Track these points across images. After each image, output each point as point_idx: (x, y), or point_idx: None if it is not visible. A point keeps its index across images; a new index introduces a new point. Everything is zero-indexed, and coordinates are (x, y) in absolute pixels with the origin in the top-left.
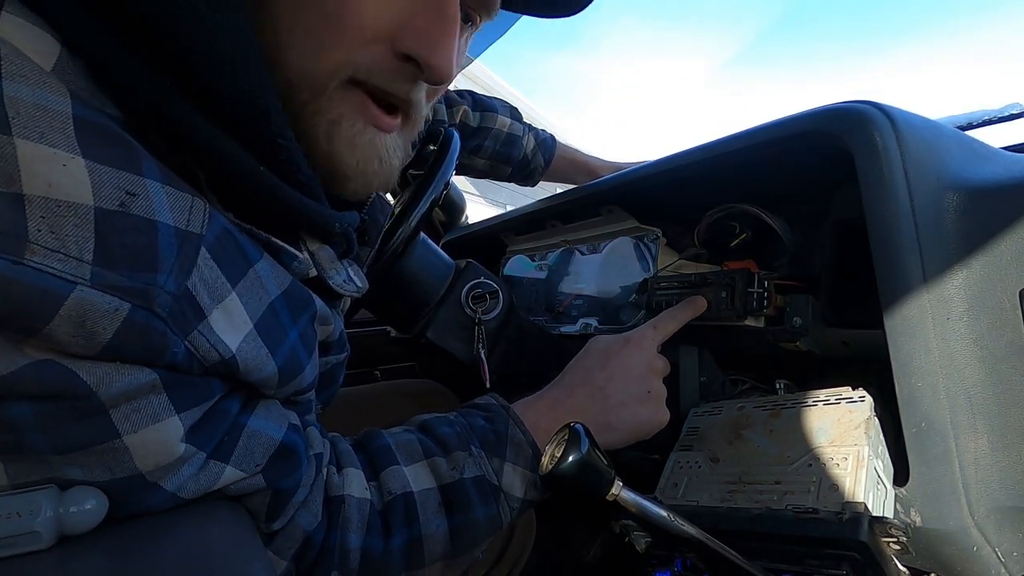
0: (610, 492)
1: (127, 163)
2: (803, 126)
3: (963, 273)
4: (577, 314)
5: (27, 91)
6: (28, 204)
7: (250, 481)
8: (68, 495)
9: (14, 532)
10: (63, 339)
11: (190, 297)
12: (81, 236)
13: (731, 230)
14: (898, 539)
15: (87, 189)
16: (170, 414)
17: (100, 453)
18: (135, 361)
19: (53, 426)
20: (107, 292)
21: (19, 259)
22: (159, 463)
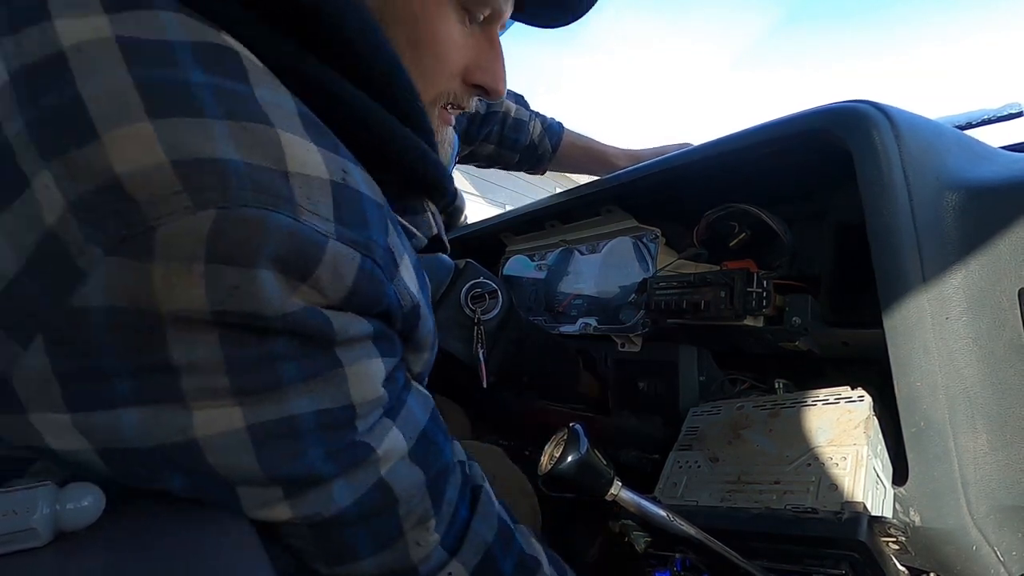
0: (609, 492)
1: (336, 149)
2: (802, 126)
3: (962, 273)
4: (576, 314)
5: (268, 93)
6: (291, 178)
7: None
8: (65, 492)
9: (11, 529)
10: (324, 284)
11: (390, 252)
12: (326, 203)
13: (730, 230)
14: (897, 538)
15: (323, 167)
16: (376, 357)
17: (327, 380)
18: (362, 309)
19: (303, 356)
20: (347, 244)
21: (296, 218)
22: (365, 397)
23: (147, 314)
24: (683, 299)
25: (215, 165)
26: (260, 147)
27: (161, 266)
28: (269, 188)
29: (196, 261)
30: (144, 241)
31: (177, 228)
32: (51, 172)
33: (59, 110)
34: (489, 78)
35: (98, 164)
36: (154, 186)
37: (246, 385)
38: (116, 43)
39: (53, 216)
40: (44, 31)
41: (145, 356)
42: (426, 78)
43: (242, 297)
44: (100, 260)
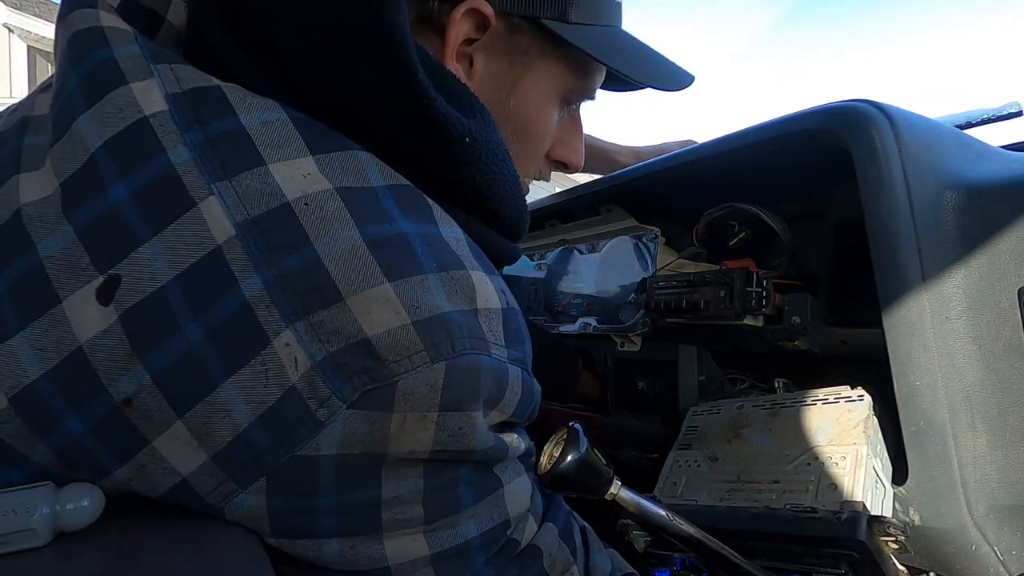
0: (609, 491)
1: (492, 268)
2: (802, 125)
3: (962, 272)
4: (576, 313)
5: (448, 230)
6: (480, 316)
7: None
8: (64, 492)
9: (11, 529)
10: (507, 406)
11: (529, 357)
12: (499, 330)
13: (730, 229)
14: (897, 538)
15: (495, 296)
16: (523, 472)
17: (491, 502)
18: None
19: (477, 481)
20: (514, 364)
21: (490, 354)
22: (519, 511)
23: (374, 457)
24: (683, 299)
25: (442, 321)
26: (461, 292)
27: (400, 415)
28: (475, 333)
29: (431, 409)
30: (386, 393)
31: (417, 381)
32: (295, 332)
33: (300, 272)
34: (572, 154)
35: (347, 326)
36: (401, 347)
37: (434, 511)
38: (339, 196)
39: (297, 374)
40: (263, 179)
41: (356, 495)
42: (523, 162)
43: (461, 436)
44: (340, 412)
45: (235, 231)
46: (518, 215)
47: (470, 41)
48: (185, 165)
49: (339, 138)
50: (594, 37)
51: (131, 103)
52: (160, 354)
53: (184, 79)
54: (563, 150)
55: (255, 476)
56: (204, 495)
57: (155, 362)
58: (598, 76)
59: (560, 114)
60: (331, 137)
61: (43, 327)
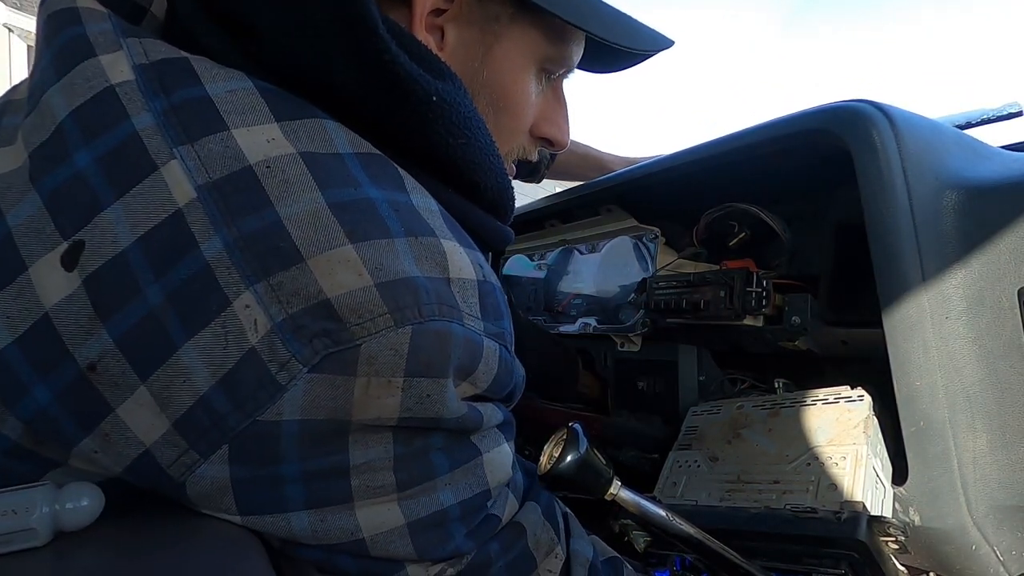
0: (609, 491)
1: (470, 243)
2: (802, 125)
3: (962, 272)
4: (576, 313)
5: (419, 199)
6: (452, 285)
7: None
8: (64, 492)
9: (10, 529)
10: (480, 378)
11: (509, 335)
12: (474, 300)
13: (730, 229)
14: (897, 538)
15: (470, 268)
16: (503, 441)
17: (468, 470)
18: (499, 392)
19: (452, 448)
20: (490, 338)
21: (463, 324)
22: (499, 480)
23: (338, 423)
24: (683, 299)
25: (409, 284)
26: (432, 259)
27: (363, 379)
28: (446, 300)
29: (396, 374)
30: (348, 357)
31: (380, 345)
32: (255, 294)
33: (261, 234)
34: (556, 130)
35: (307, 287)
36: (362, 308)
37: (406, 478)
38: (302, 160)
39: (256, 336)
40: (226, 143)
41: (322, 461)
42: (504, 137)
43: (430, 404)
44: (301, 376)
45: (196, 194)
46: (500, 188)
47: (439, 12)
48: (148, 131)
49: (307, 107)
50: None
51: (98, 73)
52: (122, 317)
53: (152, 51)
54: (547, 126)
55: (217, 443)
56: (166, 467)
57: (118, 326)
58: (575, 45)
59: (540, 87)
60: (298, 106)
61: (11, 295)
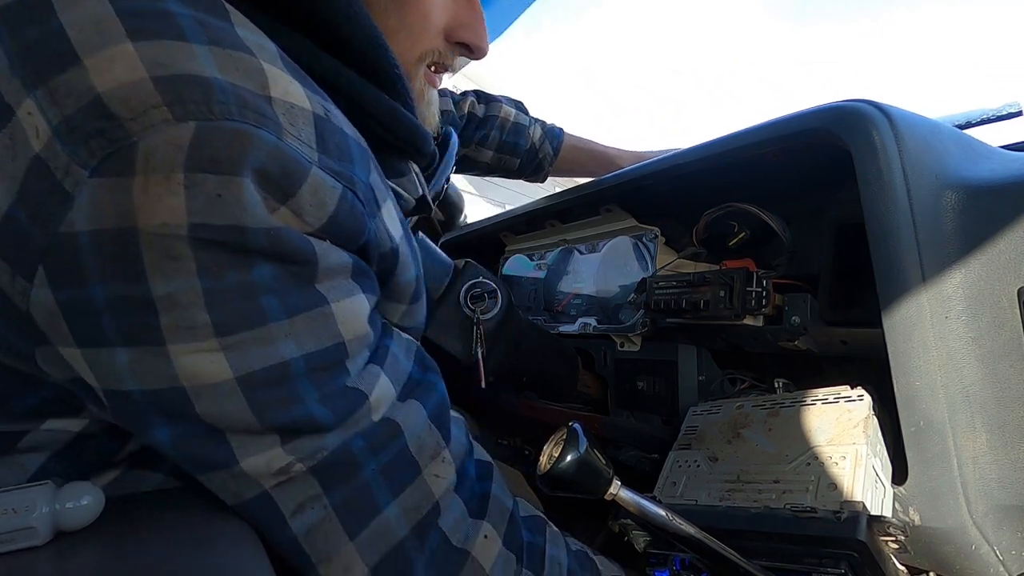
0: (609, 491)
1: (320, 93)
2: (802, 125)
3: (961, 272)
4: (576, 313)
5: (249, 34)
6: (274, 103)
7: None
8: (64, 491)
9: (10, 528)
10: (304, 207)
11: (372, 190)
12: (308, 131)
13: (730, 229)
14: (896, 538)
15: (306, 100)
16: (359, 292)
17: (313, 319)
18: (340, 240)
19: (284, 290)
20: (328, 173)
21: (280, 136)
22: (356, 333)
23: (128, 233)
24: (683, 298)
25: (198, 81)
26: (244, 71)
27: (141, 177)
28: (254, 106)
29: (175, 170)
30: (126, 157)
31: (157, 140)
32: (35, 100)
33: (40, 40)
34: (472, 35)
35: (80, 86)
36: (134, 101)
37: (227, 322)
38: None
39: (40, 143)
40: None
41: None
42: (412, 36)
43: (223, 207)
44: (84, 181)
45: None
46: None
47: None
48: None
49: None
50: None
51: None
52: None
53: None
54: (462, 31)
55: (32, 264)
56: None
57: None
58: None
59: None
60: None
61: None
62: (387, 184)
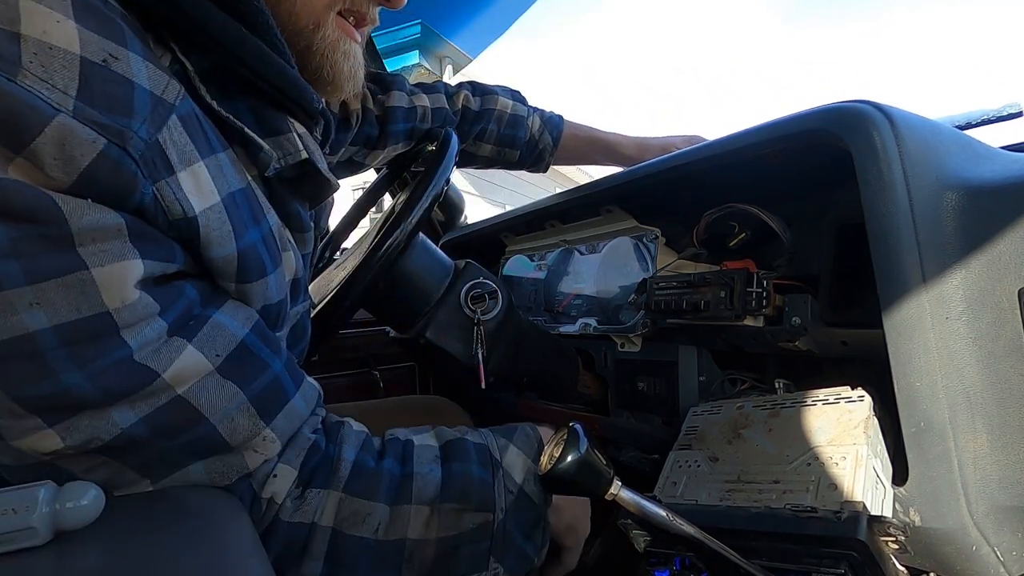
0: (609, 491)
1: (113, 35)
2: (802, 126)
3: (962, 272)
4: (576, 314)
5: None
6: (23, 41)
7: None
8: (65, 491)
9: (11, 528)
10: (45, 160)
11: (160, 149)
12: (67, 76)
13: (730, 230)
14: (897, 538)
15: (76, 42)
16: (134, 256)
17: (68, 286)
18: (106, 199)
19: (26, 252)
20: (86, 124)
21: (12, 78)
22: (124, 300)
23: None
24: (683, 299)
25: None
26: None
27: None
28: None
29: None
30: None
31: None
32: None
33: None
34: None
35: None
36: None
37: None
38: None
39: None
40: None
41: None
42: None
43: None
44: None
45: None
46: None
47: None
48: None
49: None
50: None
51: None
52: None
53: None
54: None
55: None
56: None
57: None
58: None
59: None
60: None
61: None
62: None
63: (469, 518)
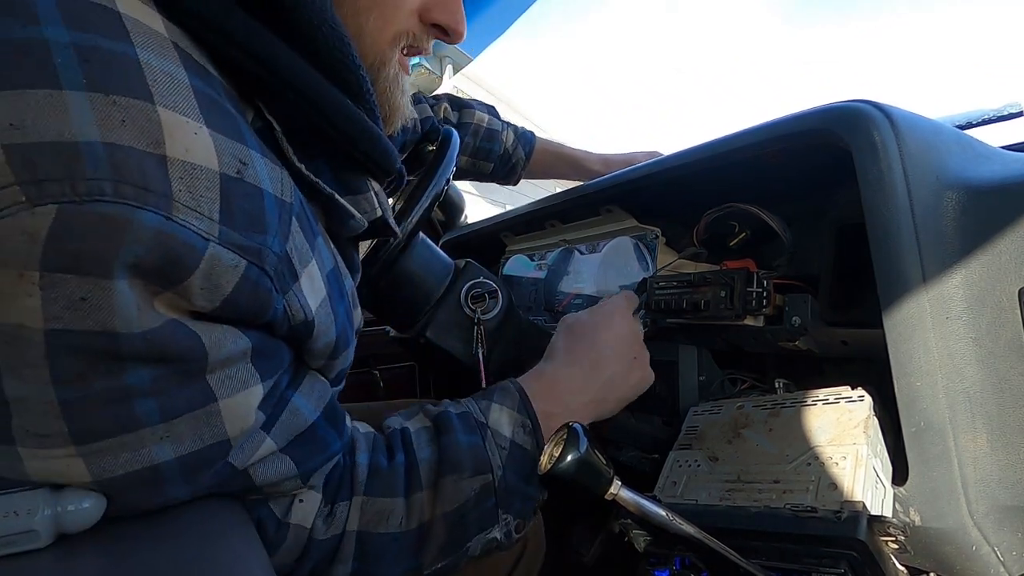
0: (609, 491)
1: (237, 134)
2: (802, 125)
3: (962, 272)
4: None
5: (154, 58)
6: (171, 165)
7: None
8: (65, 494)
9: (12, 531)
10: (194, 292)
11: (288, 260)
12: (211, 197)
13: (730, 229)
14: (896, 538)
15: (213, 156)
16: (256, 381)
17: (197, 419)
18: (242, 320)
19: (164, 390)
20: (231, 249)
21: (169, 215)
22: (243, 428)
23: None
24: (683, 299)
25: (63, 148)
26: (132, 124)
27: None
28: (137, 177)
29: (30, 267)
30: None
31: (9, 227)
32: None
33: None
34: (448, 16)
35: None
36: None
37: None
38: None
39: None
40: None
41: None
42: (385, 15)
43: (88, 313)
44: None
45: None
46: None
47: None
48: None
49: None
50: None
51: None
52: None
53: None
54: (438, 11)
55: None
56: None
57: None
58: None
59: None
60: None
61: None
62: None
63: (468, 484)
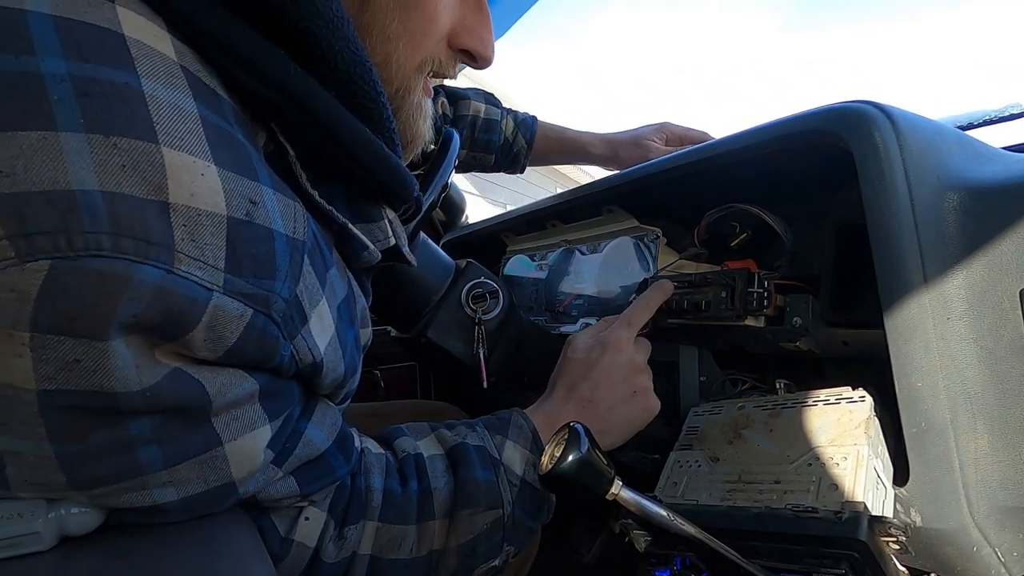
0: (610, 491)
1: (248, 169)
2: (803, 126)
3: (963, 273)
4: (577, 314)
5: (160, 89)
6: (173, 212)
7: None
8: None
9: (16, 533)
10: (196, 343)
11: (298, 303)
12: (216, 244)
13: (731, 230)
14: (897, 539)
15: (221, 198)
16: (263, 423)
17: (202, 463)
18: (247, 365)
19: (167, 437)
20: (236, 298)
21: (171, 268)
22: (250, 470)
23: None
24: (684, 299)
25: (57, 198)
26: (132, 168)
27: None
28: (137, 229)
29: (19, 327)
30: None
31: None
32: None
33: None
34: (477, 42)
35: None
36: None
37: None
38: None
39: None
40: None
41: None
42: (414, 42)
43: (83, 374)
44: None
45: None
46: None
47: None
48: None
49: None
50: None
51: None
52: None
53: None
54: (467, 36)
55: None
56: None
57: None
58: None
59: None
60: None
61: None
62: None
63: (481, 519)
